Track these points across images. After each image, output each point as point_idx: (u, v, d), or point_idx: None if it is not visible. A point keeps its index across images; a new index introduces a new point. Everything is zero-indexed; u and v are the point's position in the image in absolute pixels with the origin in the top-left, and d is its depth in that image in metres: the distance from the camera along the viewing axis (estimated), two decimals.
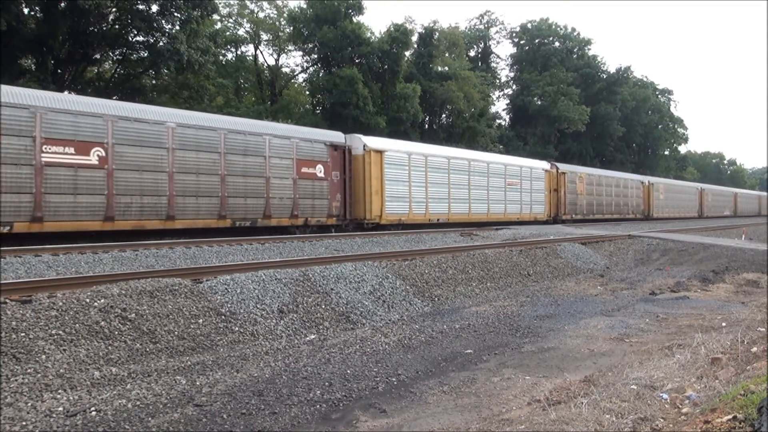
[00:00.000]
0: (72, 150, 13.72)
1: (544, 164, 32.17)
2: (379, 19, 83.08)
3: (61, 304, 6.45)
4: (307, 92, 41.46)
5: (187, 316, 7.18)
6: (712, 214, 51.24)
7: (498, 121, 57.91)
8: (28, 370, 5.39)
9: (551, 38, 61.05)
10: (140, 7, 25.41)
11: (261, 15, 39.96)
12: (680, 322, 8.59)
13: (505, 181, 27.95)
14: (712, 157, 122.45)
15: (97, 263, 10.22)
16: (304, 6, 37.54)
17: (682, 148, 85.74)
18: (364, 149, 20.74)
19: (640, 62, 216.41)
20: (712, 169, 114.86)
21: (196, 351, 6.70)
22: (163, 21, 26.00)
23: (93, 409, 4.97)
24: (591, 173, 36.48)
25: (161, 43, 25.92)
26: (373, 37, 37.60)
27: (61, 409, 4.93)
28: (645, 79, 73.33)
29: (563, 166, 33.61)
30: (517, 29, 61.01)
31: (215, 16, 33.05)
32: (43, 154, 13.19)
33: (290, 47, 40.89)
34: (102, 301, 6.75)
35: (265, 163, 17.88)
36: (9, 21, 20.40)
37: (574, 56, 62.06)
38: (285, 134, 18.81)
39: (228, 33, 38.08)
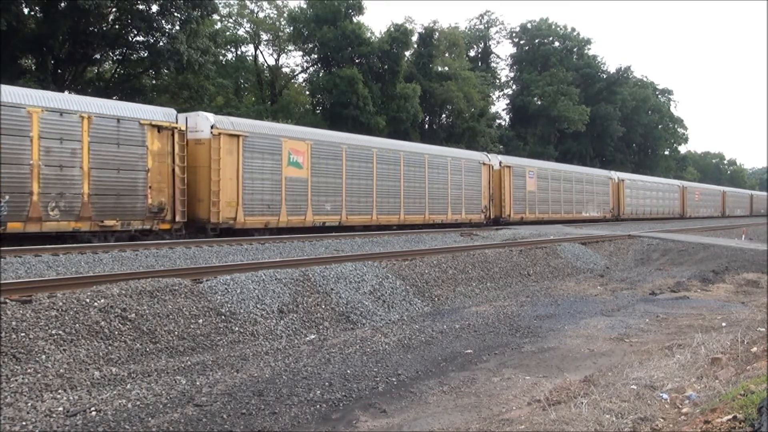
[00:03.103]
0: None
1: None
2: (379, 19, 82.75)
3: (61, 304, 6.45)
4: (307, 92, 41.42)
5: (187, 316, 7.18)
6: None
7: (498, 121, 57.87)
8: (28, 370, 5.39)
9: (551, 38, 60.90)
10: (140, 7, 25.36)
11: (261, 15, 39.94)
12: (680, 322, 8.60)
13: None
14: (712, 157, 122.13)
15: (97, 263, 10.21)
16: (304, 6, 37.52)
17: (682, 148, 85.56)
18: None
19: (640, 62, 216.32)
20: (712, 169, 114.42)
21: (196, 351, 6.70)
22: (163, 21, 25.93)
23: (93, 409, 4.97)
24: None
25: (161, 43, 25.87)
26: (373, 37, 37.55)
27: (61, 409, 4.93)
28: (645, 79, 73.13)
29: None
30: (517, 29, 60.86)
31: (215, 16, 32.97)
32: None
33: (290, 47, 40.86)
34: (102, 301, 6.74)
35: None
36: (9, 21, 20.38)
37: (574, 56, 61.93)
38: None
39: (228, 33, 37.98)
